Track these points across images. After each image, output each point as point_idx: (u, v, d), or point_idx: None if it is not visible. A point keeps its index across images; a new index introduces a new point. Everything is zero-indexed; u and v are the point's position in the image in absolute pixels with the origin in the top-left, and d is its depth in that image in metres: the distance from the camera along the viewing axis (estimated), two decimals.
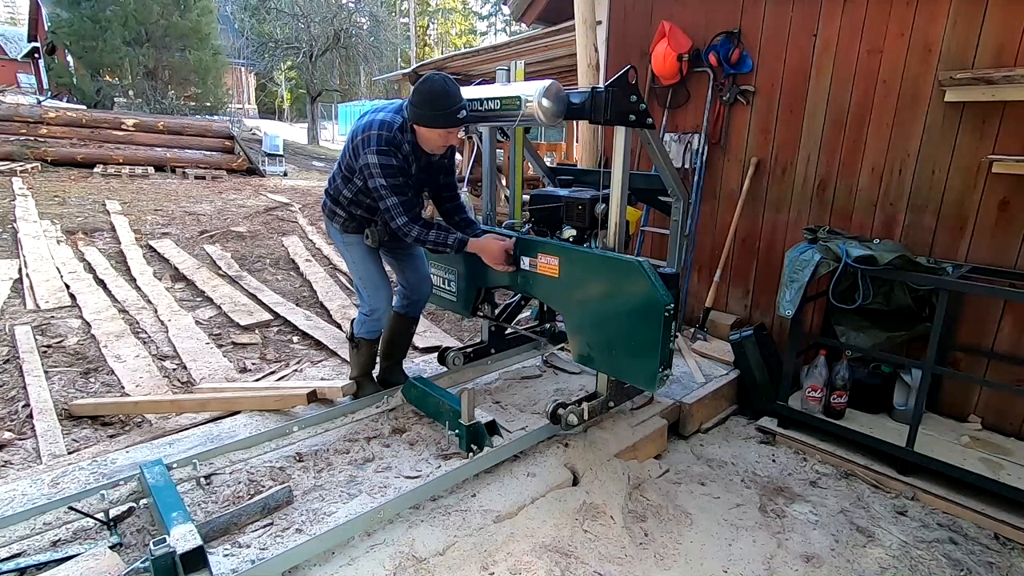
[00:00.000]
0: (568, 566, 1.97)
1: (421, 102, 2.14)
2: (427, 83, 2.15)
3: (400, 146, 2.23)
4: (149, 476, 1.89)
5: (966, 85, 2.60)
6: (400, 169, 2.22)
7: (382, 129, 2.18)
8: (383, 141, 2.17)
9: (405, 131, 2.24)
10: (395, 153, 2.20)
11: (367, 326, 2.63)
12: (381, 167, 2.17)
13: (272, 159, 12.47)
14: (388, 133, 2.19)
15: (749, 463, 2.82)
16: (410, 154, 2.28)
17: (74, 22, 14.77)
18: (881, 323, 2.83)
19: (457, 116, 2.17)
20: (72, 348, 3.67)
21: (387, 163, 2.18)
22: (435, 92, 2.13)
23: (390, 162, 2.18)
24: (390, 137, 2.19)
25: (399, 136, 2.22)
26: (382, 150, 2.17)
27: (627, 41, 3.96)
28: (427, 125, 2.19)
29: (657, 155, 2.43)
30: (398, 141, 2.21)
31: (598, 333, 2.31)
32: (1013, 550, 2.28)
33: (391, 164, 2.18)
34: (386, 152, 2.17)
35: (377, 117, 2.23)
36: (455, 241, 2.33)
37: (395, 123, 2.22)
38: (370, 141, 2.17)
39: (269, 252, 6.16)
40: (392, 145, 2.19)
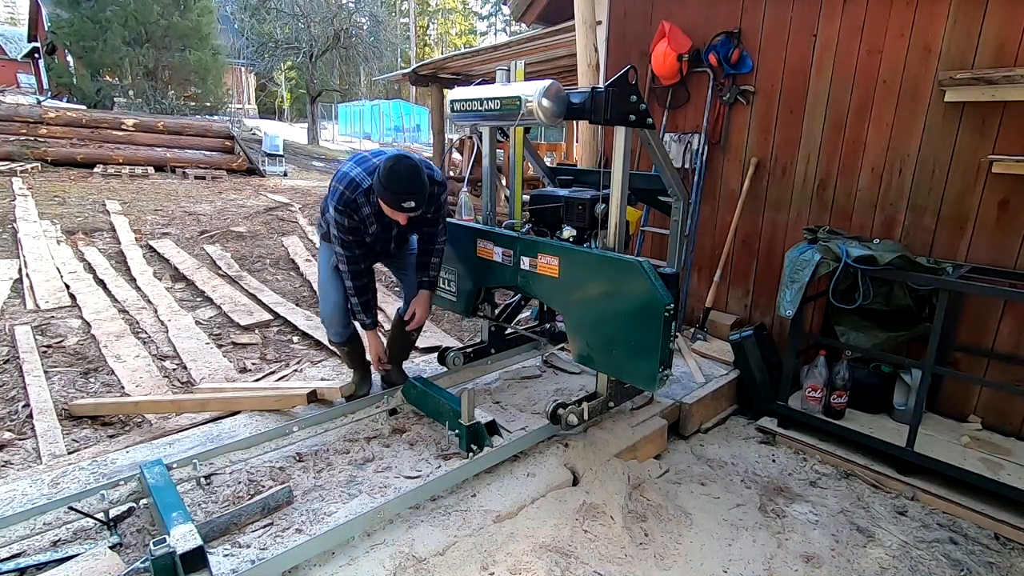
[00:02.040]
0: (568, 566, 1.97)
1: (380, 174, 2.20)
2: (394, 162, 2.20)
3: (359, 208, 2.33)
4: (149, 476, 1.89)
5: (966, 85, 2.60)
6: (352, 229, 2.35)
7: (347, 188, 2.31)
8: (343, 201, 2.30)
9: (372, 193, 2.31)
10: (350, 214, 2.32)
11: (327, 330, 2.74)
12: (335, 223, 2.34)
13: (272, 159, 12.48)
14: (350, 194, 2.30)
15: (749, 463, 2.82)
16: (369, 216, 2.37)
17: (74, 22, 14.77)
18: (881, 323, 2.83)
19: (402, 204, 2.21)
20: (72, 348, 3.67)
21: (340, 221, 2.32)
22: (393, 174, 2.18)
23: (343, 221, 2.32)
24: (350, 199, 2.31)
25: (360, 199, 2.32)
26: (338, 208, 2.30)
27: (627, 41, 3.96)
28: (380, 199, 2.26)
29: (657, 155, 2.43)
30: (357, 204, 2.32)
31: (598, 333, 2.31)
32: (1013, 550, 2.28)
33: (343, 223, 2.32)
34: (342, 211, 2.31)
35: (352, 172, 2.33)
36: (360, 320, 2.56)
37: (362, 185, 2.31)
38: (335, 194, 2.33)
39: (269, 252, 6.16)
40: (349, 207, 2.31)
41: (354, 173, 2.33)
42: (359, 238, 2.40)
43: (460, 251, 2.81)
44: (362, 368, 2.81)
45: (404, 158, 2.23)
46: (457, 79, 9.33)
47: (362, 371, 2.81)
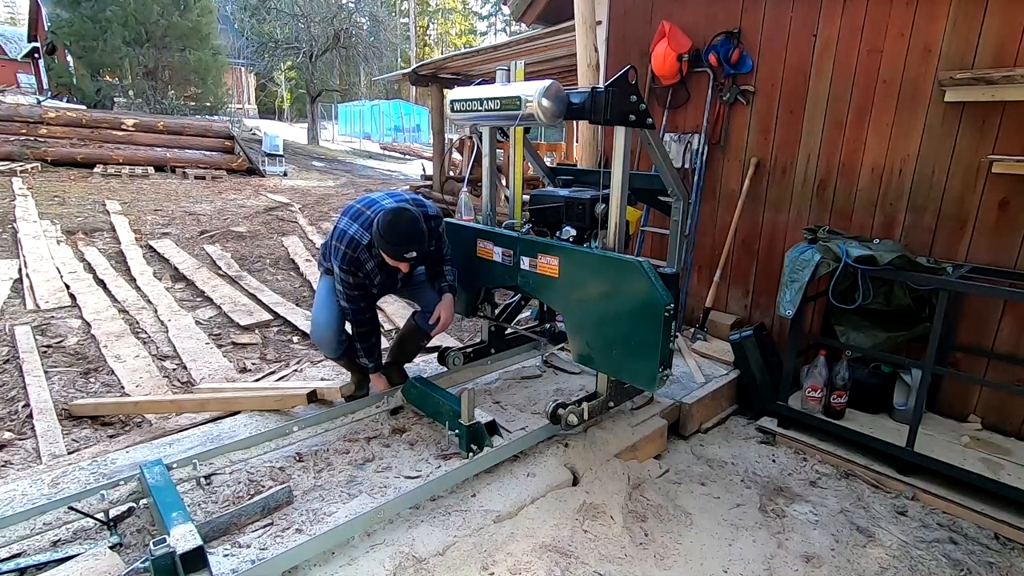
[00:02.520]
0: (568, 566, 1.97)
1: (381, 227, 2.25)
2: (394, 216, 2.25)
3: (362, 265, 2.39)
4: (149, 476, 1.89)
5: (966, 85, 2.60)
6: (358, 285, 2.43)
7: (349, 247, 2.35)
8: (347, 260, 2.36)
9: (373, 247, 2.36)
10: (355, 272, 2.39)
11: (322, 349, 2.77)
12: (341, 280, 2.41)
13: (272, 159, 12.48)
14: (352, 253, 2.36)
15: (749, 463, 2.82)
16: (374, 269, 2.43)
17: (74, 22, 14.78)
18: (881, 323, 2.83)
19: (404, 256, 2.27)
20: (72, 348, 3.67)
21: (346, 279, 2.40)
22: (394, 228, 2.23)
23: (348, 279, 2.39)
24: (353, 258, 2.36)
25: (363, 256, 2.38)
26: (343, 267, 2.37)
27: (627, 41, 3.96)
28: (381, 251, 2.31)
29: (657, 155, 2.43)
30: (360, 261, 2.38)
31: (598, 333, 2.31)
32: (1013, 550, 2.28)
33: (349, 280, 2.40)
34: (346, 270, 2.37)
35: (350, 231, 2.36)
36: (363, 363, 2.63)
37: (362, 242, 2.35)
38: (337, 253, 2.38)
39: (269, 252, 6.16)
40: (353, 265, 2.37)
41: (352, 231, 2.36)
42: (365, 291, 2.48)
43: (460, 251, 2.81)
44: (361, 370, 2.82)
45: (402, 211, 2.28)
46: (457, 79, 9.33)
47: (361, 372, 2.82)
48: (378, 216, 2.29)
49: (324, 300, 2.62)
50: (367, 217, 2.38)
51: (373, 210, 2.40)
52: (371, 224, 2.33)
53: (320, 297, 2.65)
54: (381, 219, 2.26)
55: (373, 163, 18.19)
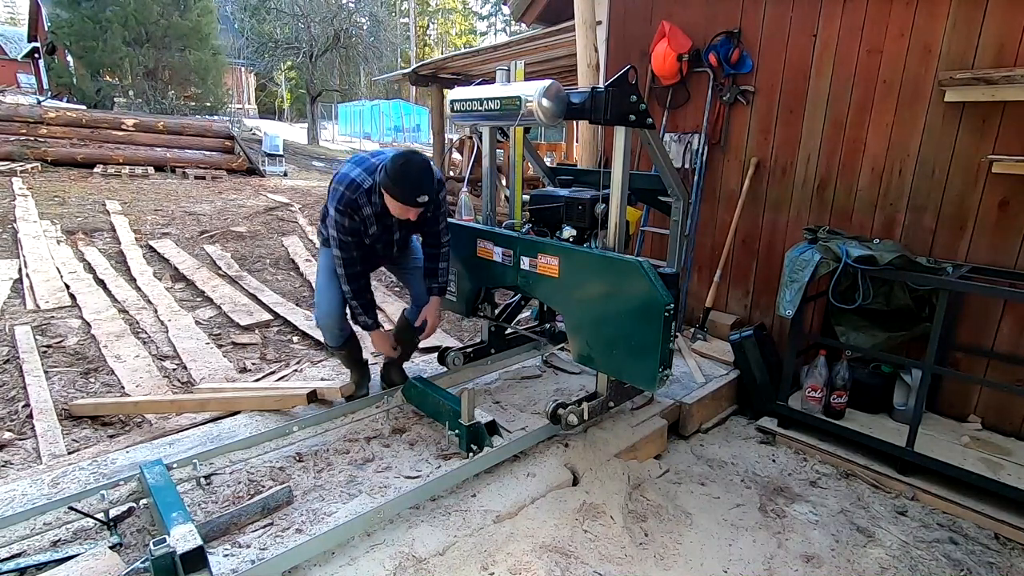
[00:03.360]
0: (568, 566, 1.97)
1: (391, 173, 2.20)
2: (405, 160, 2.21)
3: (360, 208, 2.33)
4: (149, 476, 1.89)
5: (966, 85, 2.60)
6: (352, 230, 2.34)
7: (348, 188, 2.30)
8: (344, 201, 2.29)
9: (373, 192, 2.32)
10: (351, 214, 2.32)
11: (323, 335, 2.71)
12: (336, 223, 2.32)
13: (272, 159, 12.48)
14: (351, 194, 2.30)
15: (749, 463, 2.82)
16: (370, 216, 2.37)
17: (74, 22, 14.78)
18: (881, 323, 2.83)
19: (416, 200, 2.23)
20: (72, 348, 3.67)
21: (341, 221, 2.31)
22: (406, 173, 2.19)
23: (343, 221, 2.31)
24: (352, 199, 2.30)
25: (362, 199, 2.32)
26: (339, 208, 2.29)
27: (627, 41, 3.96)
28: (388, 194, 2.25)
29: (657, 155, 2.43)
30: (358, 204, 2.32)
31: (598, 333, 2.31)
32: (1013, 550, 2.28)
33: (343, 224, 2.31)
34: (342, 211, 2.30)
35: (352, 173, 2.32)
36: (362, 322, 2.52)
37: (363, 184, 2.31)
38: (335, 196, 2.31)
39: (269, 252, 6.16)
40: (351, 207, 2.30)
41: (354, 174, 2.32)
42: (358, 239, 2.39)
43: (460, 251, 2.81)
44: (360, 368, 2.82)
45: (413, 154, 2.25)
46: (457, 79, 9.33)
47: (360, 371, 2.82)
48: (385, 162, 2.26)
49: (326, 285, 2.56)
50: (372, 164, 2.35)
51: (379, 159, 2.36)
52: (375, 170, 2.31)
53: (322, 281, 2.60)
54: (390, 163, 2.21)
55: None
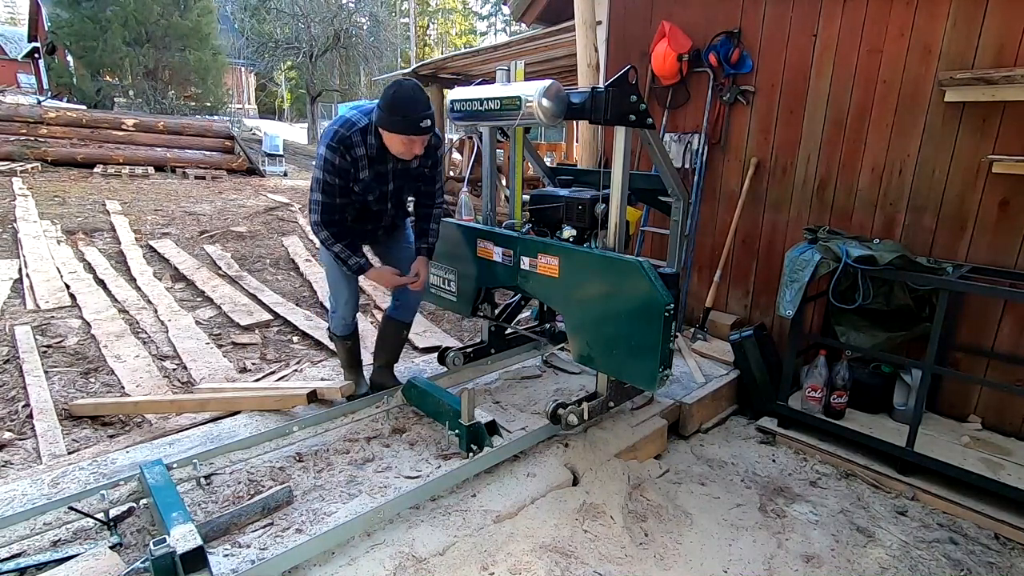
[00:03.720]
0: (568, 566, 1.97)
1: (386, 106, 2.12)
2: (395, 87, 2.14)
3: (352, 147, 2.21)
4: (149, 476, 1.89)
5: (966, 85, 2.60)
6: (341, 171, 2.21)
7: (342, 127, 2.20)
8: (336, 138, 2.18)
9: (368, 133, 2.22)
10: (344, 153, 2.19)
11: (333, 322, 2.76)
12: (324, 160, 2.19)
13: (272, 159, 12.48)
14: (345, 132, 2.19)
15: (749, 463, 2.82)
16: (363, 157, 2.25)
17: (74, 22, 14.78)
18: (881, 323, 2.83)
19: (419, 125, 2.13)
20: (72, 348, 3.67)
21: (330, 158, 2.18)
22: (400, 98, 2.11)
23: (333, 159, 2.19)
24: (345, 136, 2.19)
25: (356, 137, 2.21)
26: (331, 145, 2.18)
27: (627, 41, 3.96)
28: (388, 130, 2.17)
29: (657, 155, 2.43)
30: (352, 142, 2.20)
31: (598, 333, 2.31)
32: (1013, 550, 2.28)
33: (334, 162, 2.19)
34: (334, 148, 2.18)
35: (347, 114, 2.24)
36: (355, 264, 2.38)
37: (358, 124, 2.21)
38: (327, 134, 2.21)
39: (269, 252, 6.16)
40: (343, 144, 2.19)
41: (348, 114, 2.25)
42: (345, 184, 2.26)
43: (460, 251, 2.81)
44: (358, 369, 2.86)
45: (400, 82, 2.15)
46: (457, 79, 9.33)
47: (357, 372, 2.86)
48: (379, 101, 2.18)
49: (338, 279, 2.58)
50: (367, 108, 2.28)
51: (368, 106, 2.31)
52: (370, 111, 2.23)
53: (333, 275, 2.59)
54: (384, 96, 2.13)
55: None
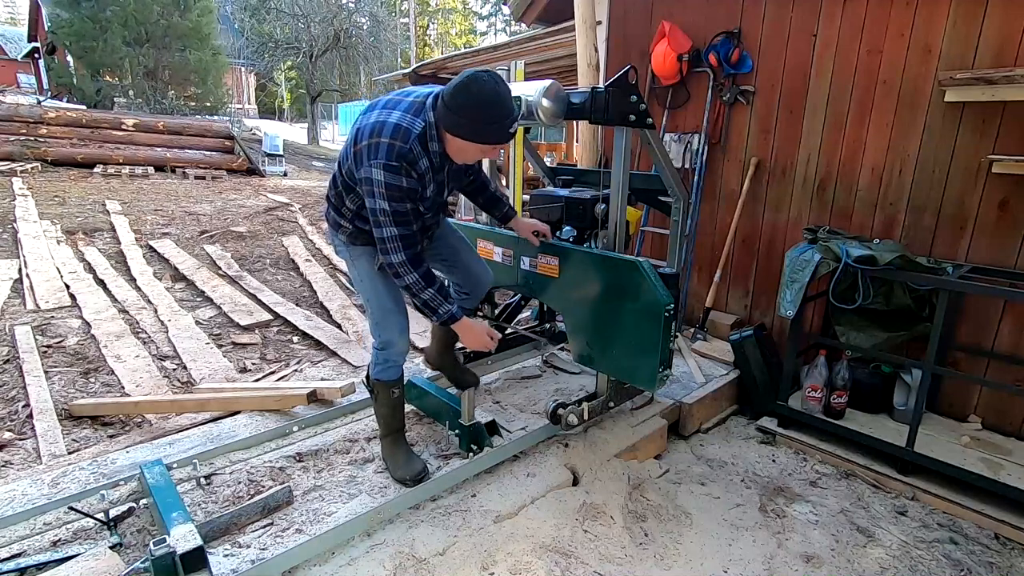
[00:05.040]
0: (568, 566, 1.97)
1: (465, 109, 1.67)
2: (475, 84, 1.66)
3: (415, 162, 1.74)
4: (149, 476, 1.89)
5: (966, 85, 2.60)
6: (410, 192, 1.74)
7: (395, 137, 1.70)
8: (394, 154, 1.69)
9: (429, 140, 1.76)
10: (408, 171, 1.72)
11: (381, 363, 2.09)
12: (386, 186, 1.69)
13: (272, 159, 12.47)
14: (403, 144, 1.70)
15: (749, 463, 2.82)
16: (428, 171, 1.79)
17: (74, 22, 14.77)
18: (881, 323, 2.83)
19: (509, 131, 1.72)
20: (72, 348, 3.67)
21: (394, 183, 1.70)
22: (485, 99, 1.66)
23: (398, 182, 1.70)
24: (404, 150, 1.70)
25: (416, 149, 1.73)
26: (391, 165, 1.69)
27: (627, 41, 3.96)
28: (468, 139, 1.72)
29: (657, 155, 2.43)
30: (413, 156, 1.72)
31: (598, 333, 2.31)
32: (1013, 550, 2.28)
33: (399, 185, 1.71)
34: (395, 169, 1.69)
35: (391, 119, 1.73)
36: (446, 313, 1.92)
37: (413, 130, 1.72)
38: (378, 151, 1.69)
39: (269, 252, 6.15)
40: (405, 161, 1.71)
41: (394, 119, 1.72)
42: (415, 205, 1.80)
43: None
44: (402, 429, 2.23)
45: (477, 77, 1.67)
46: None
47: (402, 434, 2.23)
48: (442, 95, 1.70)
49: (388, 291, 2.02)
50: (411, 104, 1.76)
51: (417, 96, 1.79)
52: (420, 109, 1.75)
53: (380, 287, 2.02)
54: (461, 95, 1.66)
55: None
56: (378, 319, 2.06)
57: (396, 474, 2.12)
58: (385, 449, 2.21)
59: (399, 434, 2.21)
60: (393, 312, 2.06)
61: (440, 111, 1.73)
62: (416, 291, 1.86)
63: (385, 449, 2.21)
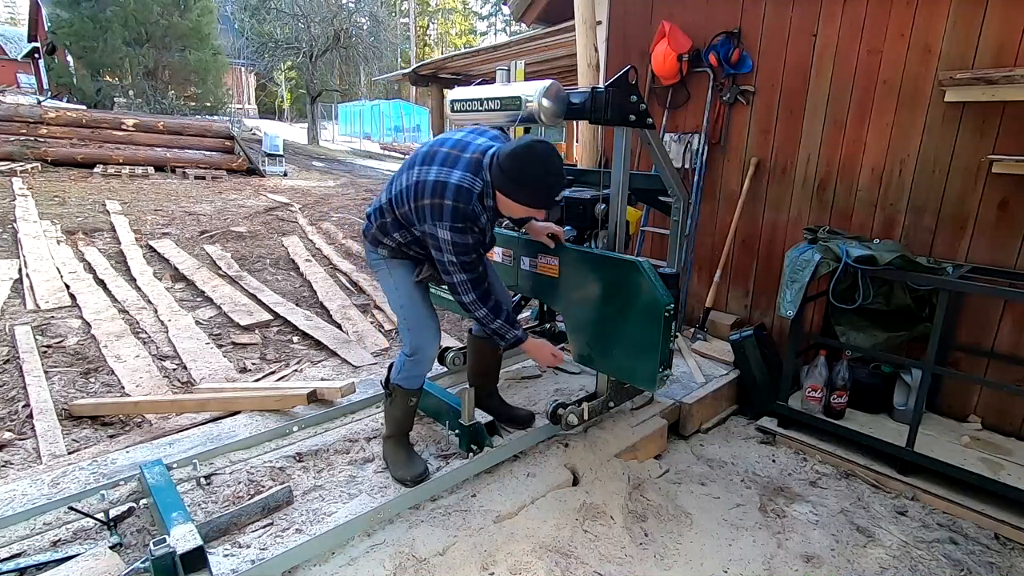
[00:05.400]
0: (568, 566, 1.97)
1: (520, 176, 1.80)
2: (531, 155, 1.79)
3: (477, 219, 1.88)
4: (149, 476, 1.89)
5: (966, 85, 2.60)
6: (476, 245, 1.91)
7: (459, 200, 1.81)
8: (459, 216, 1.82)
9: (486, 197, 1.89)
10: (472, 228, 1.86)
11: (407, 370, 2.15)
12: (453, 244, 1.84)
13: (272, 159, 12.46)
14: (466, 206, 1.83)
15: (749, 463, 2.82)
16: (487, 223, 1.95)
17: (74, 22, 14.76)
18: (881, 323, 2.83)
19: (556, 199, 1.90)
20: (72, 348, 3.67)
21: (460, 241, 1.84)
22: (539, 170, 1.81)
23: (464, 240, 1.85)
24: (468, 212, 1.83)
25: (477, 208, 1.87)
26: (456, 227, 1.82)
27: (627, 41, 3.96)
28: (518, 201, 1.86)
29: (657, 155, 2.43)
30: (476, 214, 1.87)
31: (598, 333, 2.31)
32: (1013, 550, 2.28)
33: (467, 243, 1.86)
34: (460, 229, 1.83)
35: (452, 179, 1.84)
36: (513, 338, 2.10)
37: (474, 191, 1.85)
38: (443, 213, 1.82)
39: (269, 252, 6.15)
40: (470, 220, 1.85)
41: (455, 179, 1.84)
42: (480, 252, 1.98)
43: None
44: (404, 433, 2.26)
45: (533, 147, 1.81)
46: (457, 79, 9.33)
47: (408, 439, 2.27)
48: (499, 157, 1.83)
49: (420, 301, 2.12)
50: (470, 162, 1.88)
51: (474, 150, 1.91)
52: (479, 168, 1.87)
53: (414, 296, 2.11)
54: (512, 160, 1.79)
55: (373, 163, 18.19)
56: (411, 326, 2.13)
57: (396, 474, 2.15)
58: (388, 448, 2.25)
59: (404, 436, 2.26)
60: (429, 323, 2.15)
61: (496, 172, 1.85)
62: (486, 323, 2.06)
63: (388, 448, 2.25)
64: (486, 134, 2.01)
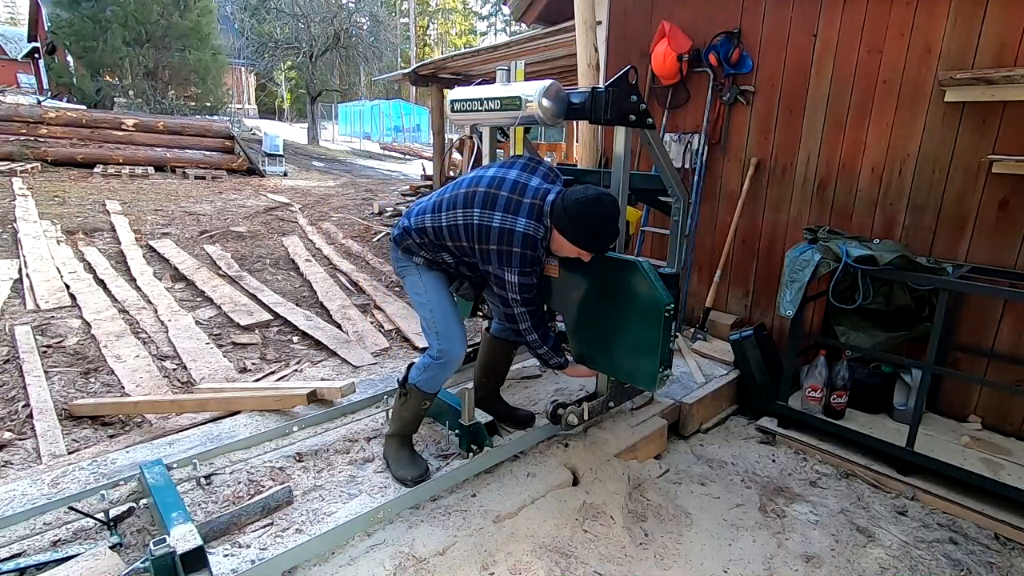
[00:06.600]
0: (568, 566, 1.97)
1: (583, 223, 1.93)
2: (598, 206, 1.94)
3: (540, 260, 2.05)
4: (149, 476, 1.89)
5: (966, 85, 2.60)
6: (537, 281, 2.09)
7: (526, 247, 1.95)
8: (528, 261, 1.97)
9: (545, 238, 2.03)
10: (535, 270, 2.04)
11: (431, 372, 2.19)
12: (520, 286, 2.01)
13: (272, 159, 12.48)
14: (533, 252, 1.97)
15: (749, 463, 2.82)
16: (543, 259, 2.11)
17: (74, 22, 14.76)
18: (881, 323, 2.83)
19: (609, 247, 2.08)
20: (72, 348, 3.67)
21: (526, 282, 2.02)
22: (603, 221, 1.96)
23: (529, 281, 2.02)
24: (535, 257, 1.99)
25: (540, 252, 2.02)
26: (524, 271, 1.99)
27: (627, 41, 3.96)
28: (574, 243, 1.99)
29: (657, 155, 2.43)
30: (539, 258, 2.02)
31: (598, 333, 2.31)
32: (1013, 550, 2.28)
33: (531, 283, 2.04)
34: (528, 272, 2.00)
35: (518, 227, 1.95)
36: (556, 364, 2.28)
37: (539, 236, 1.98)
38: (512, 260, 1.96)
39: (269, 252, 6.16)
40: (535, 263, 2.01)
41: (521, 227, 1.95)
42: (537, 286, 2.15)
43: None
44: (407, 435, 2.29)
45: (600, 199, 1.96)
46: (457, 79, 9.32)
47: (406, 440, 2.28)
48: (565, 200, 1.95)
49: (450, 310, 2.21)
50: (532, 208, 1.98)
51: (531, 195, 2.01)
52: (542, 214, 1.99)
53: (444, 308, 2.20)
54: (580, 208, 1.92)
55: (373, 163, 18.21)
56: (440, 329, 2.18)
57: (397, 473, 2.16)
58: (390, 448, 2.26)
59: (407, 437, 2.28)
60: (458, 327, 2.21)
61: (558, 212, 1.96)
62: (535, 347, 2.23)
63: (390, 448, 2.26)
64: (537, 172, 2.11)
